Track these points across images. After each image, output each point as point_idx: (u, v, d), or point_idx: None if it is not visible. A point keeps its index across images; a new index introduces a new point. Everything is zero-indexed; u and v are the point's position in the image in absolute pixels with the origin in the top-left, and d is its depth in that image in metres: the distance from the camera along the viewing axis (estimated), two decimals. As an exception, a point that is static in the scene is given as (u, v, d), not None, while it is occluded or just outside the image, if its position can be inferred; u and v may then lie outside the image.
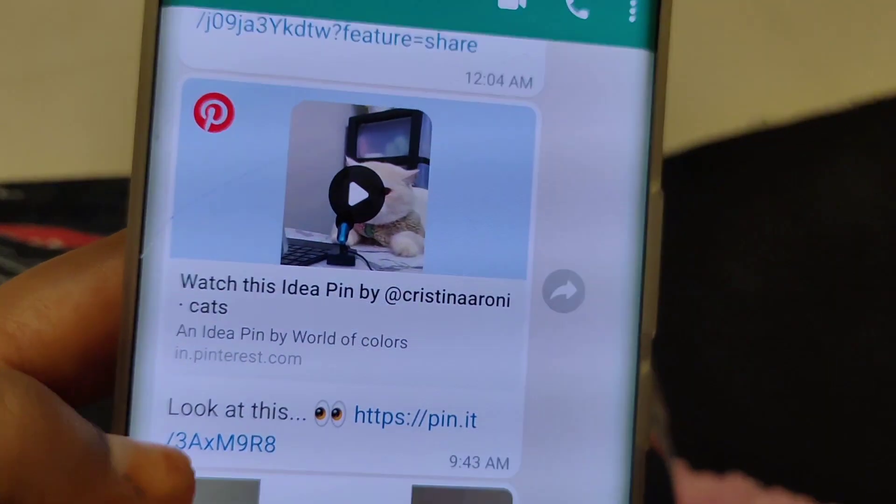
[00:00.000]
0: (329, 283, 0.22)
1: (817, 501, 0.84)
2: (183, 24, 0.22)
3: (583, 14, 0.23)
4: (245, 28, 0.22)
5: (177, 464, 0.20)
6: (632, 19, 0.23)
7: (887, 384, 0.88)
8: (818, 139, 0.92)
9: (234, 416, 0.21)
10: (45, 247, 0.44)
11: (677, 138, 0.89)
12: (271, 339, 0.22)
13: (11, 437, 0.18)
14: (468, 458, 0.22)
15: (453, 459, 0.22)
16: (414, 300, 0.22)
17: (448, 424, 0.22)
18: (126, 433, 0.21)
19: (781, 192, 0.91)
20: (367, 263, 0.22)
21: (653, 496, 0.42)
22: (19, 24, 0.69)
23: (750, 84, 0.91)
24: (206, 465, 0.21)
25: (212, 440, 0.21)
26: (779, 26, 0.92)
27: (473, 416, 0.22)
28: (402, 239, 0.22)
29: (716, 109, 0.90)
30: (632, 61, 0.23)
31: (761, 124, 0.89)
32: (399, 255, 0.22)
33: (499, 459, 0.22)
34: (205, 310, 0.22)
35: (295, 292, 0.22)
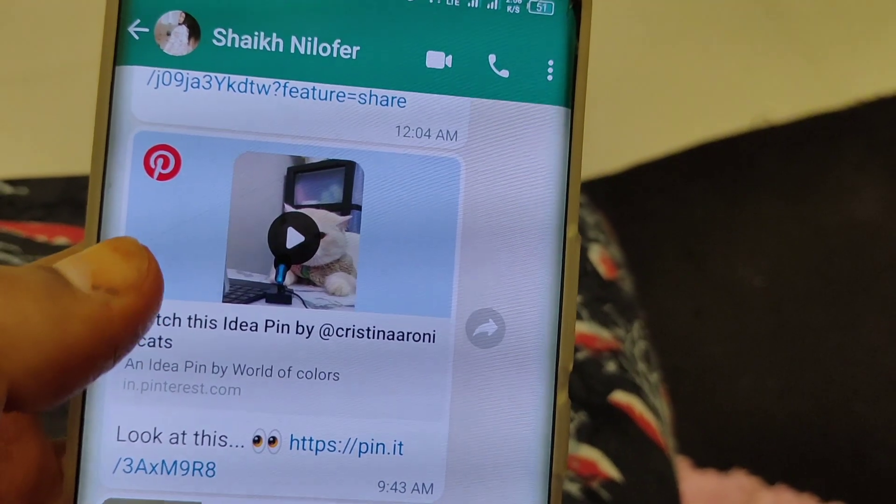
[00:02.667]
0: (267, 321, 0.24)
1: (821, 499, 0.84)
2: (135, 82, 0.24)
3: (504, 73, 0.24)
4: (192, 85, 0.24)
5: (127, 248, 0.20)
6: (549, 79, 0.24)
7: (892, 382, 0.89)
8: (822, 138, 0.92)
9: (177, 443, 0.23)
10: (50, 243, 0.44)
11: (680, 138, 0.90)
12: (213, 372, 0.24)
13: None
14: (395, 483, 0.24)
15: (381, 484, 0.24)
16: (346, 336, 0.24)
17: (377, 452, 0.24)
18: (79, 459, 0.23)
19: (785, 190, 0.92)
20: (303, 302, 0.24)
21: (658, 494, 0.43)
22: (21, 24, 0.71)
23: (753, 83, 0.91)
24: (151, 489, 0.23)
25: (156, 465, 0.23)
26: (782, 25, 0.93)
27: (401, 445, 0.24)
28: (335, 279, 0.24)
29: (719, 108, 0.91)
30: (549, 117, 0.24)
31: (764, 123, 0.90)
32: (332, 294, 0.24)
33: (423, 485, 0.24)
34: (151, 344, 0.23)
35: (235, 329, 0.24)
